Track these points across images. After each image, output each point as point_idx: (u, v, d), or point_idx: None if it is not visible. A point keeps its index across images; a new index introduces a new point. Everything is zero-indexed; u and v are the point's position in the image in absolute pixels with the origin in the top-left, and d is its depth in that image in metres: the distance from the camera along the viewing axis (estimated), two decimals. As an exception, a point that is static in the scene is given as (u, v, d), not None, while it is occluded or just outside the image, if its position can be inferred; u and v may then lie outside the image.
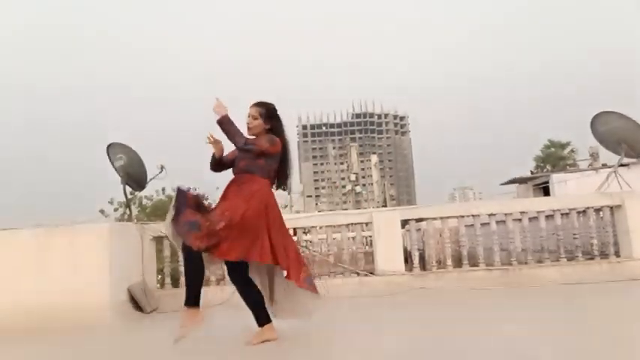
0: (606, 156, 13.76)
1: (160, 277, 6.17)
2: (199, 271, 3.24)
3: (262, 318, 3.37)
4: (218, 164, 3.56)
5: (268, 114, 3.45)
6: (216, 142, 3.47)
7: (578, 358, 2.68)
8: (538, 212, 6.18)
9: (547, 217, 6.25)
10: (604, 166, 15.49)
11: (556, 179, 16.78)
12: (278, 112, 3.50)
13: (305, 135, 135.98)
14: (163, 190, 18.78)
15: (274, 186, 3.56)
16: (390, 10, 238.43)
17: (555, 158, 40.59)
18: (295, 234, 6.44)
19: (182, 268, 5.97)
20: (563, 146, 41.71)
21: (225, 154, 3.56)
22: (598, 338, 3.08)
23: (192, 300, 3.26)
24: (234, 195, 3.33)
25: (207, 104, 3.34)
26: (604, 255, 5.94)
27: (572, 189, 14.71)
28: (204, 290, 3.41)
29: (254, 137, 3.44)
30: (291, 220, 6.47)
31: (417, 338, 3.37)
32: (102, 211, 17.46)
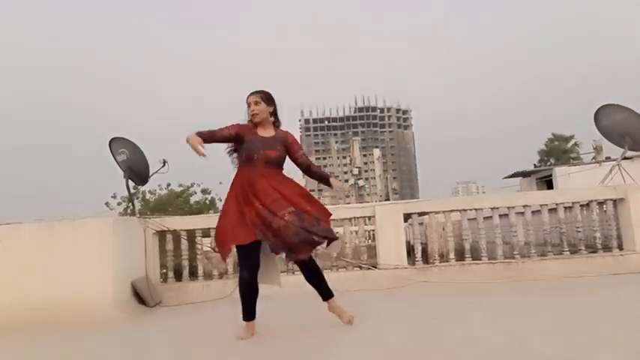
0: (610, 149, 13.71)
1: (163, 271, 6.19)
2: (256, 290, 3.37)
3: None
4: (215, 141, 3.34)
5: (268, 97, 3.50)
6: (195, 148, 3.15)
7: (580, 350, 2.68)
8: (541, 206, 6.16)
9: (550, 210, 6.23)
10: (608, 159, 15.42)
11: (559, 172, 16.71)
12: (274, 97, 3.56)
13: (307, 129, 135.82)
14: (168, 185, 18.80)
15: None
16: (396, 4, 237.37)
17: (559, 151, 40.54)
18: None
19: (185, 263, 6.01)
20: (566, 139, 41.63)
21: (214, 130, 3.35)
22: (600, 330, 3.08)
23: (250, 316, 3.39)
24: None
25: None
26: (607, 248, 5.92)
27: (575, 182, 14.66)
28: (207, 284, 3.46)
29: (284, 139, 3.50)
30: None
31: (420, 331, 3.38)
32: (107, 204, 17.52)
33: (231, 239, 3.30)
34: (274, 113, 3.53)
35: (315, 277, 3.54)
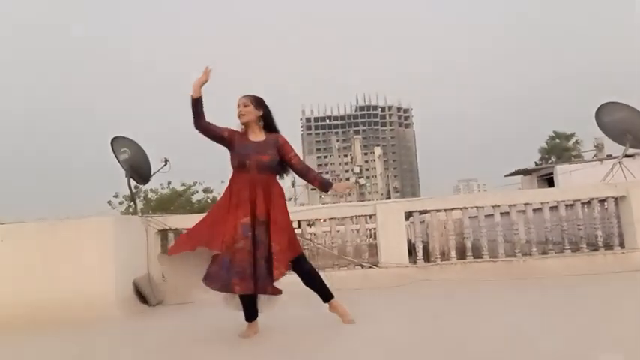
0: (611, 147, 13.71)
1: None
2: (254, 294, 3.36)
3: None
4: (201, 118, 3.32)
5: (257, 102, 3.47)
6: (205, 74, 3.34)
7: (581, 348, 2.68)
8: (542, 204, 6.16)
9: (551, 208, 6.23)
10: (609, 157, 15.40)
11: (560, 170, 16.68)
12: (266, 103, 3.53)
13: (309, 128, 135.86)
14: (169, 184, 18.88)
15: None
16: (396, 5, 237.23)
17: (560, 150, 40.50)
18: (299, 226, 6.45)
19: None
20: (568, 138, 41.58)
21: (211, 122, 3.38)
22: (601, 328, 3.09)
23: (252, 316, 3.43)
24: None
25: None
26: (608, 246, 5.91)
27: (576, 180, 14.63)
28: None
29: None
30: (295, 212, 6.47)
31: (421, 329, 3.39)
32: (109, 203, 17.67)
33: (208, 241, 3.22)
34: (265, 118, 3.50)
35: (312, 280, 3.51)
